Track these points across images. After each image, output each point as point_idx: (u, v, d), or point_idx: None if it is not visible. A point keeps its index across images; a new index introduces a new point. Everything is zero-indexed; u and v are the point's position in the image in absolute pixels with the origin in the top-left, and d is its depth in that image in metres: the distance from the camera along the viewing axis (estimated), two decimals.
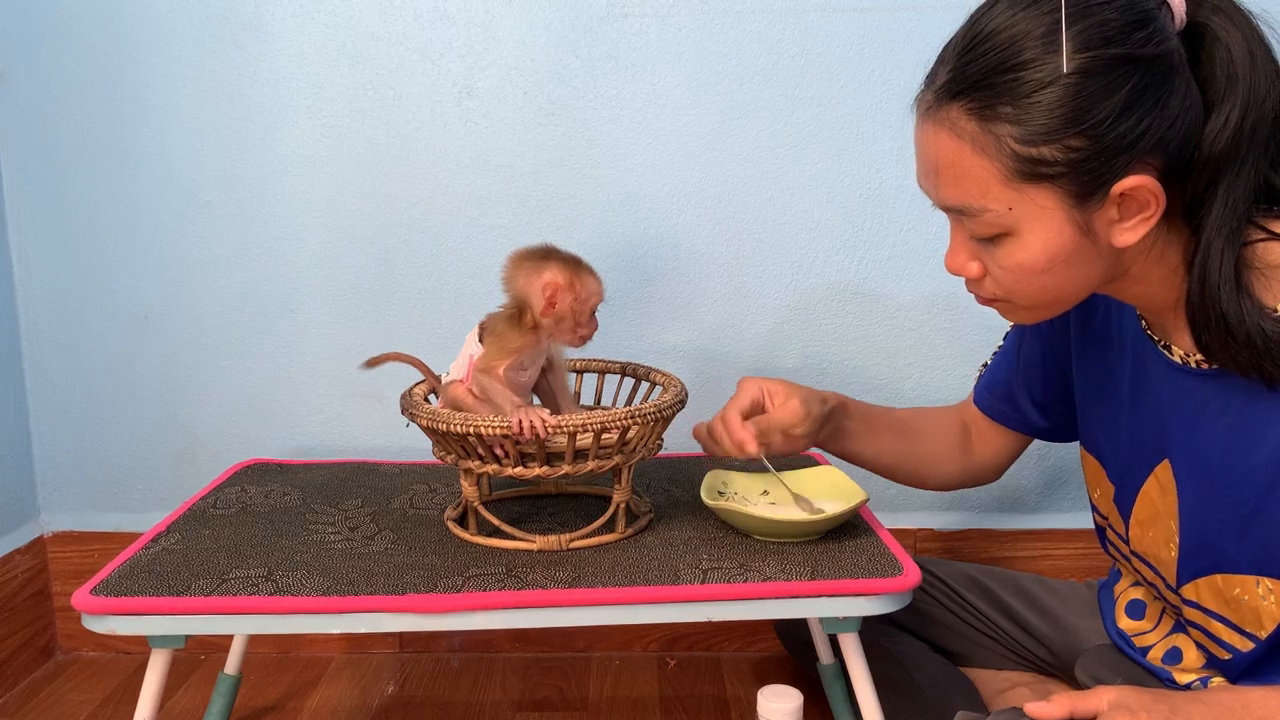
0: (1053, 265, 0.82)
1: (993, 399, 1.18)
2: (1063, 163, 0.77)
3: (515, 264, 1.09)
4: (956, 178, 0.82)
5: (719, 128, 1.40)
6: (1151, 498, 0.95)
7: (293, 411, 1.48)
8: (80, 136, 1.41)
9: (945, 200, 0.84)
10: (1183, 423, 0.90)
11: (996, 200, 0.80)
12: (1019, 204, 0.80)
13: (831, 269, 1.44)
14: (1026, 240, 0.82)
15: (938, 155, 0.83)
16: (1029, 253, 0.82)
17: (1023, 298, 0.87)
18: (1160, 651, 1.02)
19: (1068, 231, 0.80)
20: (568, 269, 1.07)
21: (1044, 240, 0.81)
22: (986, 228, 0.83)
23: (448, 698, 1.40)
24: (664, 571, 0.99)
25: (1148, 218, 0.80)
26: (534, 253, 1.09)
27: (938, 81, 0.82)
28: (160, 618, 0.94)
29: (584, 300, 1.08)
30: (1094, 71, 0.75)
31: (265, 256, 1.44)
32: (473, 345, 1.09)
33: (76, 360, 1.47)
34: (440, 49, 1.39)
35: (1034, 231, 0.81)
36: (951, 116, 0.80)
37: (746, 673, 1.46)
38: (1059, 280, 0.84)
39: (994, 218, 0.81)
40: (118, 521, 1.51)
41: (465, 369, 1.08)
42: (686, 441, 1.46)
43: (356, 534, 1.10)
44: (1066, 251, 0.81)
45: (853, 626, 1.00)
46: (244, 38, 1.38)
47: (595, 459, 1.03)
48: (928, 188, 0.86)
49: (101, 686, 1.43)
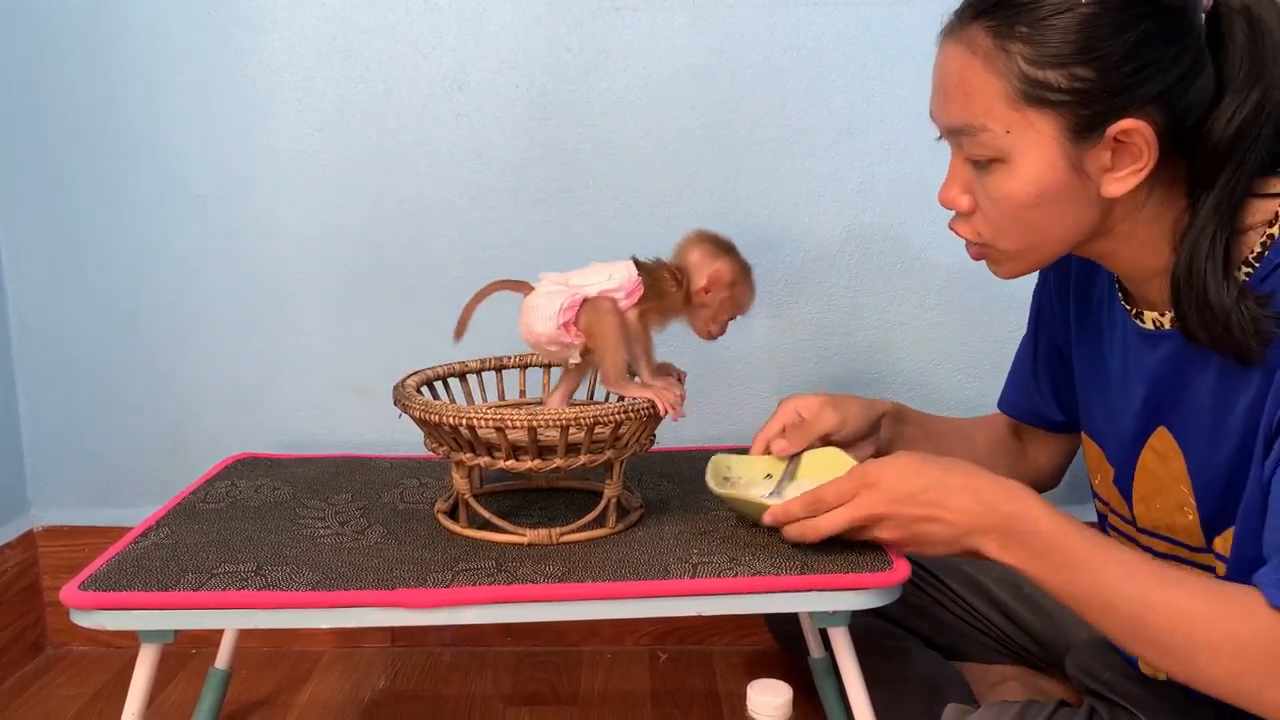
0: (1040, 200, 0.83)
1: (1015, 399, 1.19)
2: (1066, 90, 0.79)
3: (697, 240, 1.11)
4: (964, 94, 0.84)
5: (711, 122, 1.40)
6: (1150, 469, 0.95)
7: (283, 405, 1.48)
8: (69, 131, 1.40)
9: (950, 119, 0.86)
10: (1167, 388, 0.91)
11: (997, 120, 0.82)
12: (1017, 127, 0.82)
13: (823, 264, 1.44)
14: (1018, 168, 0.83)
15: (950, 73, 0.85)
16: (1019, 182, 0.83)
17: (1007, 238, 0.88)
18: None
19: (1060, 166, 0.82)
20: (738, 270, 1.10)
21: (1035, 171, 0.83)
22: (982, 149, 0.84)
23: (439, 692, 1.40)
24: (654, 566, 0.99)
25: (1139, 169, 0.81)
26: (718, 239, 1.12)
27: (963, 5, 0.85)
28: (149, 612, 0.94)
29: (734, 304, 1.11)
30: (1111, 6, 0.78)
31: (255, 250, 1.43)
32: (620, 273, 1.08)
33: (67, 354, 1.47)
34: (431, 42, 1.38)
35: (1027, 161, 0.83)
36: (970, 33, 0.83)
37: (738, 666, 1.46)
38: (1044, 219, 0.85)
39: (990, 139, 0.83)
40: (108, 516, 1.50)
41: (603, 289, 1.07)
42: (679, 436, 1.47)
43: (347, 528, 1.10)
44: (1055, 187, 0.83)
45: (842, 621, 1.00)
46: (234, 30, 1.38)
47: (587, 453, 1.03)
48: (936, 110, 0.89)
49: (92, 681, 1.43)
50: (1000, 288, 1.43)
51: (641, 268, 1.09)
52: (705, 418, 1.48)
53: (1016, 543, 0.84)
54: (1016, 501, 0.85)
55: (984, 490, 0.85)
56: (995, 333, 1.44)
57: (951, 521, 0.86)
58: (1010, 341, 1.43)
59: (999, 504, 0.85)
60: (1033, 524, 0.83)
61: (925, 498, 0.86)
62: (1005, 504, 0.85)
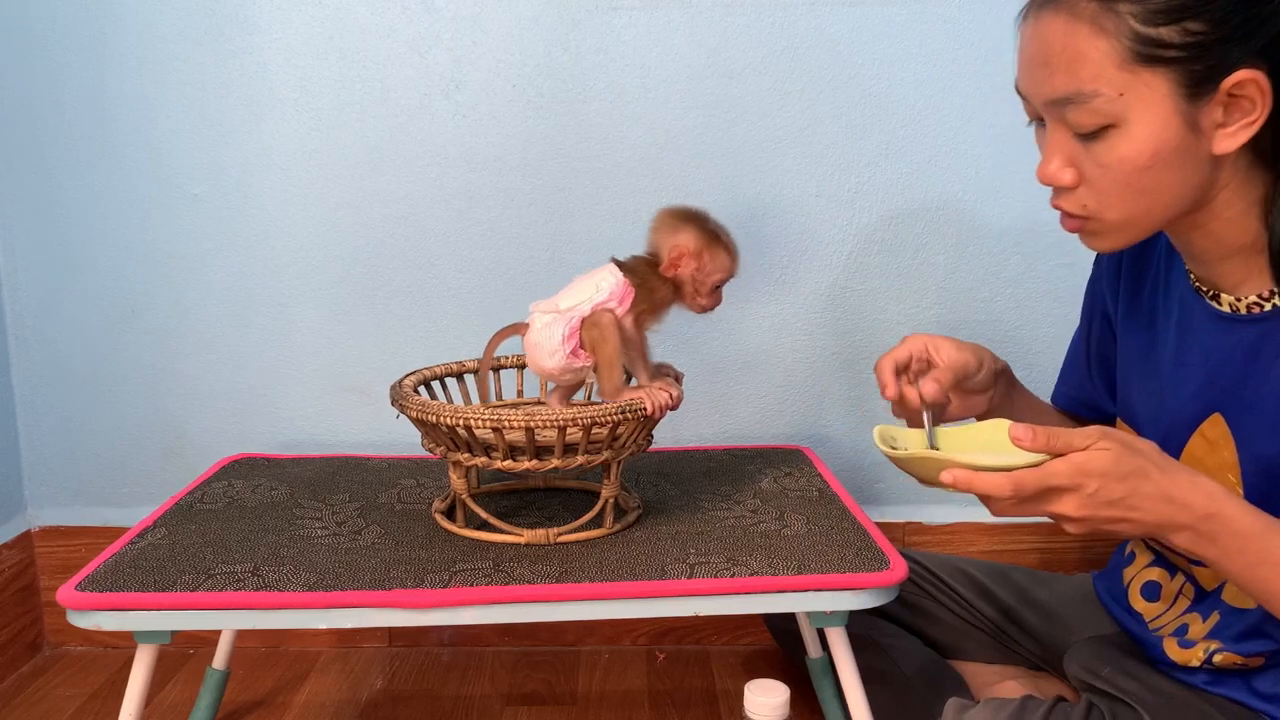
0: (1155, 162, 0.82)
1: (1070, 391, 1.17)
2: (1180, 45, 0.78)
3: (662, 218, 1.10)
4: (1069, 61, 0.82)
5: (708, 122, 1.40)
6: (1197, 456, 0.95)
7: (280, 406, 1.48)
8: (66, 130, 1.40)
9: (1055, 90, 0.84)
10: (1235, 373, 0.90)
11: (1110, 84, 0.81)
12: (1131, 89, 0.81)
13: (821, 264, 1.44)
14: (1133, 131, 0.82)
15: (1051, 42, 0.83)
16: (1134, 145, 0.82)
17: (1116, 207, 0.86)
18: (1170, 629, 1.02)
19: (1174, 124, 0.81)
20: (701, 237, 1.08)
21: (1150, 131, 0.81)
22: (1092, 116, 0.82)
23: (437, 691, 1.40)
24: (651, 566, 0.99)
25: (1250, 122, 0.81)
26: (680, 213, 1.10)
27: None
28: (145, 613, 0.94)
29: (707, 273, 1.08)
30: None
31: (253, 250, 1.43)
32: (607, 280, 1.07)
33: (63, 355, 1.46)
34: (429, 42, 1.38)
35: (1141, 121, 0.81)
36: (1070, 1, 0.81)
37: (735, 666, 1.46)
38: (1158, 183, 0.84)
39: (1103, 104, 0.81)
40: (105, 516, 1.50)
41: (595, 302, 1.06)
42: (678, 437, 1.47)
43: (344, 528, 1.10)
44: (1170, 147, 0.82)
45: (839, 621, 1.00)
46: (230, 30, 1.37)
47: (585, 453, 1.03)
48: (1033, 85, 0.86)
49: (89, 681, 1.43)
50: (1000, 288, 1.44)
51: (624, 268, 1.08)
52: (703, 417, 1.48)
53: (1209, 540, 0.82)
54: (1214, 502, 0.81)
55: (1179, 493, 0.81)
56: (995, 332, 1.44)
57: (1141, 522, 0.82)
58: (1010, 340, 1.44)
59: (1194, 505, 0.81)
60: (1228, 525, 0.81)
61: (1124, 503, 0.81)
62: (1202, 505, 0.81)
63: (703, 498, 1.18)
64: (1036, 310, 1.45)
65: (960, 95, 1.38)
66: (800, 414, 1.48)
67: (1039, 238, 1.42)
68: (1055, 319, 1.43)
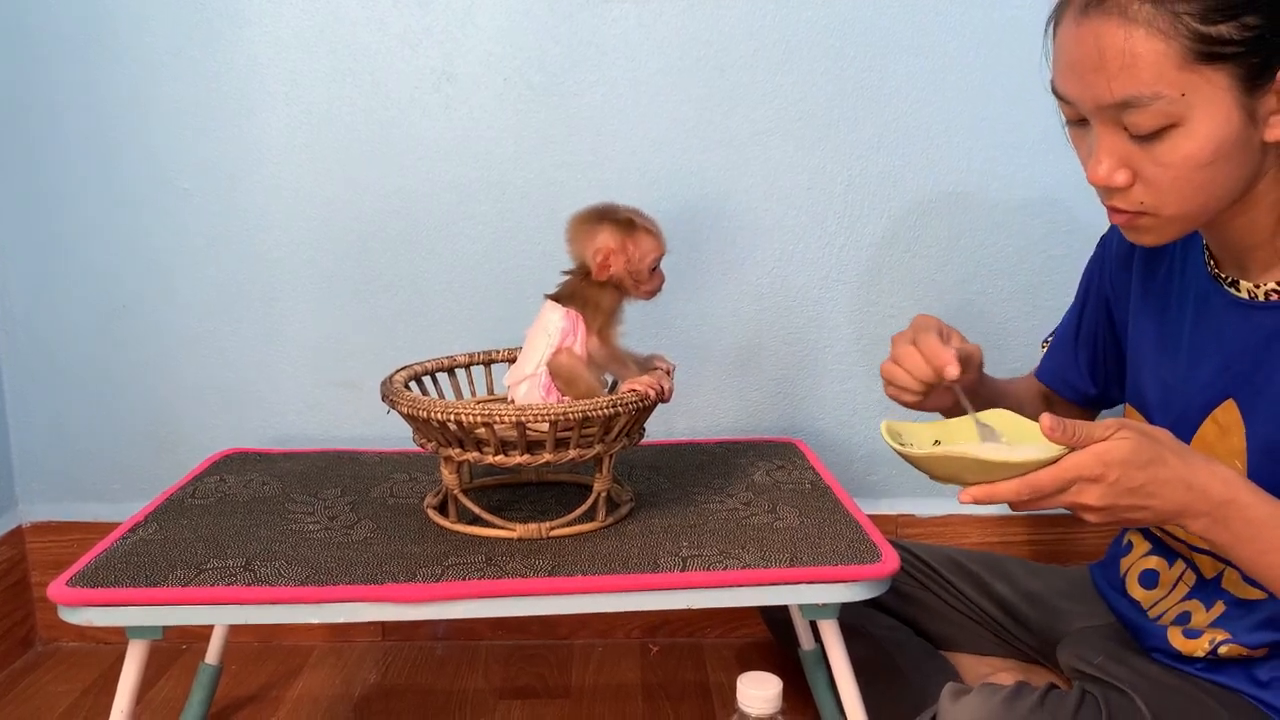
0: (1217, 157, 0.82)
1: (1050, 366, 1.18)
2: (1239, 41, 0.78)
3: (573, 227, 1.11)
4: (1126, 66, 0.81)
5: (700, 115, 1.40)
6: (1207, 442, 0.95)
7: (272, 401, 1.47)
8: (55, 125, 1.39)
9: (1112, 94, 0.82)
10: (1250, 360, 0.91)
11: (1171, 85, 0.80)
12: (1193, 88, 0.80)
13: (813, 257, 1.44)
14: (1195, 129, 0.81)
15: (1105, 46, 0.81)
16: (1196, 143, 0.82)
17: (1174, 202, 0.85)
18: (1172, 616, 1.02)
19: (1235, 118, 0.81)
20: (619, 232, 1.08)
21: (1212, 128, 0.81)
22: (1153, 119, 0.82)
23: (430, 686, 1.40)
24: (644, 560, 0.99)
25: None
26: (590, 215, 1.10)
27: None
28: (137, 608, 0.94)
29: (638, 261, 1.08)
30: None
31: (244, 245, 1.43)
32: (554, 323, 1.08)
33: (54, 350, 1.46)
34: (419, 34, 1.37)
35: (1203, 119, 0.81)
36: (1122, 3, 0.80)
37: (729, 658, 1.47)
38: (1217, 176, 0.84)
39: (1165, 105, 0.81)
40: (96, 512, 1.50)
41: (553, 347, 1.07)
42: (670, 430, 1.47)
43: (336, 523, 1.10)
44: (1231, 141, 0.82)
45: (831, 613, 1.00)
46: (220, 24, 1.37)
47: (576, 447, 1.03)
48: (1087, 90, 0.84)
49: (82, 677, 1.43)
50: (990, 280, 1.44)
51: (562, 299, 1.09)
52: (695, 411, 1.48)
53: (1223, 526, 0.82)
54: (1230, 488, 0.82)
55: (1196, 479, 0.82)
56: (987, 324, 1.44)
57: (1160, 509, 0.83)
58: (1003, 333, 1.45)
59: (1211, 492, 0.82)
60: (1243, 511, 0.82)
61: (1144, 490, 0.82)
62: (1218, 492, 0.82)
63: (695, 491, 1.18)
64: (1028, 302, 1.45)
65: (952, 88, 1.38)
66: (792, 407, 1.49)
67: (1031, 230, 1.42)
68: (1047, 311, 1.44)
